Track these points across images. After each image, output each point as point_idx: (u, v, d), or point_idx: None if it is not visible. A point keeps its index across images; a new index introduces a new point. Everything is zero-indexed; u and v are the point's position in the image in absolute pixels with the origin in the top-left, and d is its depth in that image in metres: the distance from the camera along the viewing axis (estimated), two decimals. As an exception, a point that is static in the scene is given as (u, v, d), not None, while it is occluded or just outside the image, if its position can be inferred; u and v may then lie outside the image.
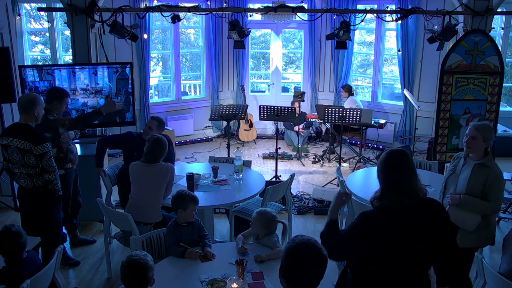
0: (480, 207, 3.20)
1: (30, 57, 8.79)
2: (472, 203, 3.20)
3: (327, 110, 6.84)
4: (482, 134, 3.22)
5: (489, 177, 3.18)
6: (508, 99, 9.73)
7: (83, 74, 5.40)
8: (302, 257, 1.95)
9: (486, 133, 3.23)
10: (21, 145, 3.53)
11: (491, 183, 3.17)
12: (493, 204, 3.20)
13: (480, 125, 3.29)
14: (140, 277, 2.38)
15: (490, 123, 3.45)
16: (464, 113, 5.66)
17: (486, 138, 3.23)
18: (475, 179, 3.22)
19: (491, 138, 3.28)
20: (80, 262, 4.42)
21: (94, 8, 5.52)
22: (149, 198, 3.81)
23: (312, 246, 1.98)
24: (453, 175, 3.40)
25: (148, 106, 8.21)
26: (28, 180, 3.63)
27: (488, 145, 3.26)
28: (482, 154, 3.26)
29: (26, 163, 3.57)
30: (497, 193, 3.21)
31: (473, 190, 3.22)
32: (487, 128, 3.27)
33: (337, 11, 6.79)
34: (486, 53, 5.51)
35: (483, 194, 3.20)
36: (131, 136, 4.60)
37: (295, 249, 1.97)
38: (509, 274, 2.91)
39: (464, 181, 3.27)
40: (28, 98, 3.66)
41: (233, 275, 2.74)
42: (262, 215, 3.17)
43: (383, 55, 8.73)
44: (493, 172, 3.20)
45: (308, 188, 6.37)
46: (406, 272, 2.30)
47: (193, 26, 9.64)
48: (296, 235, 2.07)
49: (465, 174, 3.28)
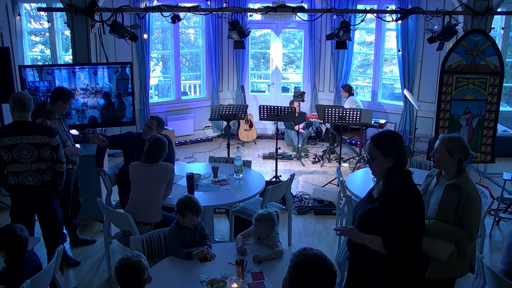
0: (452, 235, 2.77)
1: (30, 57, 8.79)
2: (443, 230, 2.78)
3: (327, 110, 6.84)
4: (446, 146, 2.82)
5: (461, 200, 2.76)
6: (508, 99, 9.73)
7: (83, 74, 5.40)
8: (312, 276, 1.80)
9: (452, 146, 2.81)
10: (37, 140, 3.59)
11: (464, 206, 2.76)
12: (466, 231, 2.75)
13: (446, 137, 2.87)
14: (135, 279, 2.37)
15: (461, 136, 2.88)
16: (464, 113, 5.66)
17: (452, 152, 2.81)
18: (446, 202, 2.80)
19: (461, 154, 2.82)
20: (80, 262, 4.42)
21: (94, 8, 5.52)
22: (149, 198, 3.81)
23: (323, 263, 1.83)
24: (423, 197, 2.87)
25: (148, 106, 8.21)
26: (38, 177, 3.67)
27: (460, 161, 2.83)
28: (454, 173, 2.84)
29: (42, 157, 3.63)
30: (472, 218, 2.77)
31: (444, 215, 2.80)
32: (453, 140, 2.84)
33: (337, 11, 6.79)
34: (486, 53, 5.51)
35: (456, 220, 2.78)
36: (131, 136, 4.60)
37: (305, 267, 1.82)
38: (504, 274, 2.91)
39: (435, 204, 2.85)
40: (28, 97, 3.69)
41: (233, 275, 2.73)
42: (266, 217, 3.16)
43: (383, 55, 8.73)
44: (466, 194, 2.77)
45: (308, 188, 6.37)
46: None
47: (193, 26, 9.64)
48: (304, 248, 1.90)
49: (436, 196, 2.88)
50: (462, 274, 2.95)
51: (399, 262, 2.41)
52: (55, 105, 4.15)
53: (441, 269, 2.86)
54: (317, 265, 1.82)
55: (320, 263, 1.83)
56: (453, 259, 2.84)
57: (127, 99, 5.57)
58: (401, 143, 2.48)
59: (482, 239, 4.02)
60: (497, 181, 6.52)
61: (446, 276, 2.90)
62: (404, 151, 2.46)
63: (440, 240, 2.81)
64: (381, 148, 2.43)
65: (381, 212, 2.42)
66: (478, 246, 4.11)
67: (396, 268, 2.42)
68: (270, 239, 3.16)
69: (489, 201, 3.93)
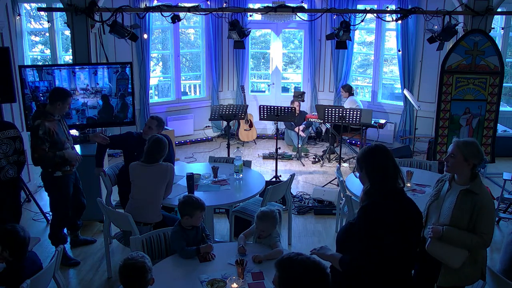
0: (466, 241, 2.71)
1: (30, 57, 8.80)
2: (457, 236, 2.72)
3: (327, 110, 6.84)
4: (462, 151, 2.75)
5: (476, 206, 2.71)
6: (508, 99, 9.73)
7: (83, 74, 5.40)
8: (305, 281, 1.83)
9: (468, 151, 2.75)
10: (11, 133, 4.05)
11: (479, 213, 2.70)
12: (481, 238, 2.71)
13: (461, 142, 2.80)
14: (139, 280, 2.37)
15: (475, 141, 2.84)
16: (464, 113, 5.66)
17: (467, 157, 2.75)
18: (461, 208, 2.74)
19: (476, 159, 2.76)
20: (80, 262, 4.42)
21: (94, 8, 5.52)
22: (149, 198, 3.81)
23: (316, 268, 1.85)
24: (436, 202, 2.90)
25: (148, 106, 8.21)
26: (15, 169, 4.00)
27: (474, 166, 2.78)
28: (468, 178, 2.78)
29: (17, 149, 3.99)
30: (487, 225, 2.72)
31: (458, 221, 2.74)
32: (469, 145, 2.77)
33: (337, 11, 6.79)
34: (486, 53, 5.51)
35: (470, 226, 2.73)
36: (131, 136, 4.60)
37: (297, 272, 1.85)
38: (503, 273, 2.90)
39: (448, 210, 2.79)
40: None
41: (233, 275, 2.74)
42: (268, 215, 3.16)
43: (383, 55, 8.73)
44: (482, 200, 2.72)
45: (308, 188, 6.37)
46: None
47: (193, 26, 9.64)
48: (298, 254, 1.94)
49: (450, 202, 2.81)
50: (473, 282, 2.87)
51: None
52: (54, 106, 4.12)
53: (452, 276, 2.81)
54: (309, 271, 1.86)
55: (312, 267, 1.86)
56: (465, 266, 2.78)
57: (127, 99, 5.57)
58: (377, 159, 2.36)
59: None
60: (497, 181, 6.52)
61: (457, 283, 2.84)
62: (379, 168, 2.33)
63: (453, 246, 2.75)
64: (359, 162, 2.42)
65: (354, 228, 2.35)
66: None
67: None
68: (270, 239, 3.16)
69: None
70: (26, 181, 5.77)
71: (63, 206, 4.31)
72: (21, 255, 2.87)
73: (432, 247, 2.81)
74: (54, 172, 4.16)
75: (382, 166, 2.34)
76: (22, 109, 5.49)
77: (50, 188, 4.27)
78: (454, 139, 2.88)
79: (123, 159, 4.68)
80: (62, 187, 4.24)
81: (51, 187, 4.25)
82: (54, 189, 4.25)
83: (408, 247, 2.34)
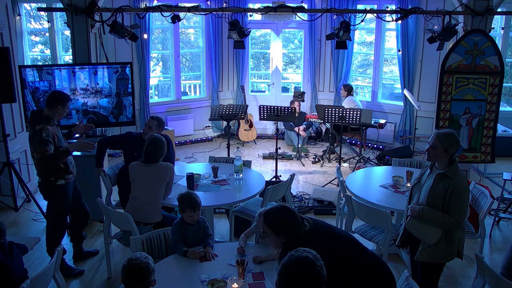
0: (439, 220, 2.96)
1: (30, 57, 8.79)
2: (431, 215, 2.98)
3: (327, 110, 6.84)
4: (443, 144, 2.98)
5: (449, 189, 2.94)
6: (508, 99, 9.73)
7: (83, 74, 5.40)
8: (294, 276, 1.84)
9: (448, 143, 2.97)
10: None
11: (451, 194, 2.94)
12: (453, 218, 2.93)
13: (442, 134, 3.01)
14: (142, 280, 2.37)
15: (454, 132, 3.07)
16: (464, 113, 5.66)
17: (447, 148, 2.98)
18: (436, 190, 3.00)
19: (455, 149, 3.01)
20: (85, 271, 4.32)
21: (94, 8, 5.52)
22: (149, 198, 3.81)
23: (306, 264, 1.86)
24: (418, 184, 3.19)
25: (148, 106, 8.21)
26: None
27: (452, 155, 3.02)
28: (447, 164, 3.02)
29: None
30: (458, 206, 2.94)
31: (433, 202, 3.00)
32: (449, 136, 3.00)
33: (337, 11, 6.79)
34: (486, 53, 5.51)
35: (445, 207, 2.97)
36: (131, 136, 4.60)
37: (288, 267, 1.86)
38: (505, 270, 2.94)
39: (426, 191, 3.06)
40: None
41: (233, 275, 2.74)
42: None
43: (383, 55, 8.73)
44: (455, 183, 2.95)
45: (308, 188, 6.37)
46: None
47: (193, 26, 9.64)
48: (296, 249, 1.95)
49: (428, 184, 3.07)
50: (449, 259, 3.12)
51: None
52: (53, 110, 3.98)
53: (429, 253, 3.06)
54: (300, 265, 1.85)
55: (303, 263, 1.86)
56: (441, 244, 3.02)
57: (127, 99, 5.57)
58: (292, 220, 2.46)
59: (482, 239, 4.02)
60: (497, 181, 6.52)
61: (434, 260, 3.08)
62: (295, 228, 2.44)
63: (428, 225, 3.02)
64: (271, 225, 2.47)
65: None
66: (478, 246, 4.12)
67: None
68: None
69: (489, 201, 3.94)
70: (26, 181, 5.77)
71: (65, 214, 4.21)
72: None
73: (410, 225, 3.13)
74: (57, 181, 4.01)
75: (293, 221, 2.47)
76: (22, 109, 5.49)
77: (52, 197, 4.09)
78: (435, 131, 3.11)
79: (123, 159, 4.67)
80: (64, 196, 4.11)
81: (54, 196, 4.08)
82: (57, 198, 4.08)
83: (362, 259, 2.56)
